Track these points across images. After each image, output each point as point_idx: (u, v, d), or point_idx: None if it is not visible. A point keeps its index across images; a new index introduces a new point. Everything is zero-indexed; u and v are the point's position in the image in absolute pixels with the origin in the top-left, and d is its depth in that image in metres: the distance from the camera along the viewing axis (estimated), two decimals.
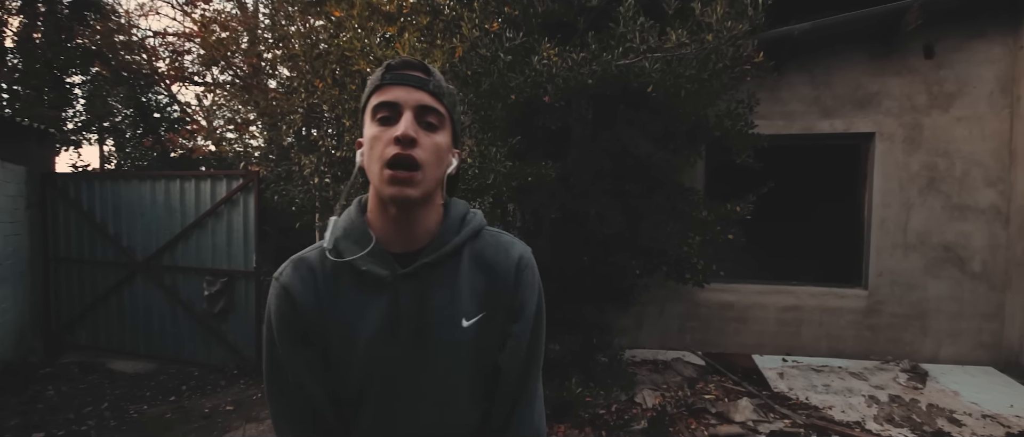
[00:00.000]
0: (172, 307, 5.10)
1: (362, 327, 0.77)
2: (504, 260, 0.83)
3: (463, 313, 0.79)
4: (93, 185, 5.41)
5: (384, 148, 0.73)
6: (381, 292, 0.77)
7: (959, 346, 4.22)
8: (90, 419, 3.79)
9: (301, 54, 4.52)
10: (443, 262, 0.80)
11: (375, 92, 0.77)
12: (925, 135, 4.19)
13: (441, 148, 0.77)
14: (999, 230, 4.13)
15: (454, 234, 0.81)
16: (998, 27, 4.07)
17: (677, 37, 2.51)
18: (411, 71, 0.77)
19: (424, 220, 0.79)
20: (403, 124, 0.72)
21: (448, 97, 0.80)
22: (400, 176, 0.72)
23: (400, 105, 0.74)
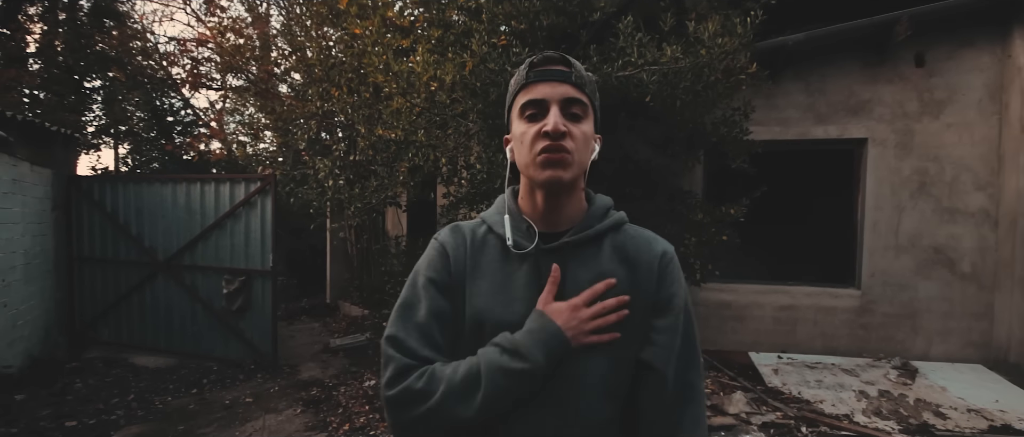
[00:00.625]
0: (192, 305, 5.33)
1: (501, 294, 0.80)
2: (647, 253, 0.83)
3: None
4: (116, 187, 5.65)
5: (534, 142, 0.77)
6: (523, 263, 0.81)
7: (949, 344, 4.37)
8: (118, 409, 4.01)
9: (316, 63, 4.73)
10: (585, 245, 0.82)
11: (521, 91, 0.81)
12: (916, 141, 4.34)
13: (587, 136, 0.80)
14: (988, 232, 4.28)
15: (598, 221, 0.84)
16: (986, 37, 4.22)
17: (672, 52, 2.69)
18: (553, 66, 0.80)
19: (569, 205, 0.83)
20: (552, 118, 0.75)
21: (590, 86, 0.82)
22: (553, 159, 0.75)
23: (547, 101, 0.78)
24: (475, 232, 0.86)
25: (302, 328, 6.92)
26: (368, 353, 5.54)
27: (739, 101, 3.89)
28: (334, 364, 5.25)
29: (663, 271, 0.81)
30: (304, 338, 6.37)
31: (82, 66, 8.92)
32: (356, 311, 7.17)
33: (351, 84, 4.20)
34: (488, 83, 2.97)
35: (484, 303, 0.80)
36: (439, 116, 3.16)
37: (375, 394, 4.18)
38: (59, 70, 8.76)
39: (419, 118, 3.08)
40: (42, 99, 8.92)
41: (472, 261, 0.83)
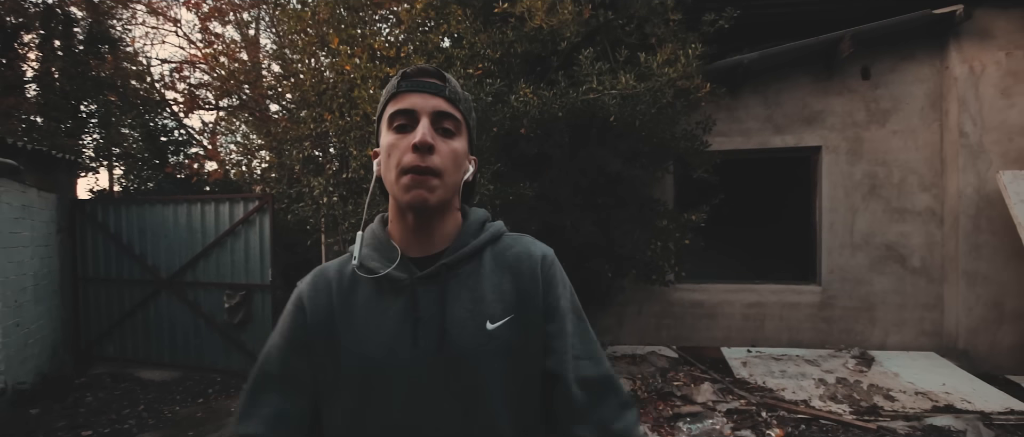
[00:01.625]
0: (195, 319, 5.58)
1: (378, 335, 0.75)
2: (527, 259, 0.80)
3: (488, 315, 0.75)
4: (119, 209, 5.92)
5: (401, 155, 0.73)
6: (399, 296, 0.76)
7: (904, 334, 4.72)
8: (130, 419, 4.26)
9: (309, 88, 5.04)
10: (463, 264, 0.78)
11: (391, 100, 0.77)
12: (866, 147, 4.72)
13: (458, 154, 0.76)
14: (934, 229, 4.65)
15: (473, 237, 0.80)
16: (926, 50, 4.61)
17: (627, 80, 3.04)
18: (427, 78, 0.77)
19: (442, 226, 0.79)
20: (420, 131, 0.72)
21: (464, 103, 0.79)
22: (417, 180, 0.71)
23: (416, 112, 0.74)
24: (342, 272, 0.81)
25: None
26: None
27: (700, 116, 4.25)
28: None
29: (546, 275, 0.80)
30: None
31: (78, 91, 9.17)
32: None
33: (343, 108, 4.51)
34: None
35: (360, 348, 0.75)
36: None
37: None
38: (56, 96, 9.01)
39: None
40: (39, 124, 9.16)
41: (342, 304, 0.78)
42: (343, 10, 4.55)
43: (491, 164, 3.68)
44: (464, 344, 0.74)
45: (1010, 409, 3.56)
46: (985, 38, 4.40)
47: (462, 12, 3.91)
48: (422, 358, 0.73)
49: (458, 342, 0.74)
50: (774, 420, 3.51)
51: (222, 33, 7.71)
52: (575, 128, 4.11)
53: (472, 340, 0.74)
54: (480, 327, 0.75)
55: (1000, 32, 4.39)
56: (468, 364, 0.73)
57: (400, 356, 0.73)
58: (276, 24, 6.97)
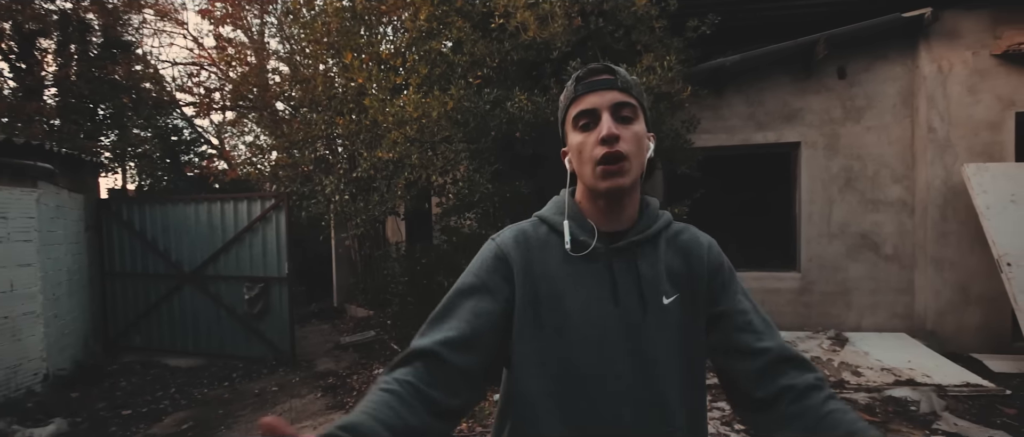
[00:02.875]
0: (217, 311, 5.98)
1: (573, 292, 0.83)
2: (697, 246, 0.90)
3: (663, 291, 0.84)
4: (144, 208, 6.30)
5: (592, 150, 0.81)
6: (592, 262, 0.84)
7: (877, 316, 5.05)
8: (164, 400, 4.66)
9: (321, 93, 5.39)
10: (647, 243, 0.87)
11: (572, 104, 0.86)
12: (842, 143, 5.03)
13: (640, 136, 0.83)
14: (906, 219, 4.97)
15: (655, 220, 0.89)
16: (898, 51, 4.91)
17: None
18: (598, 76, 0.84)
19: (629, 206, 0.87)
20: (604, 125, 0.80)
21: (636, 88, 0.85)
22: (611, 169, 0.79)
23: (597, 110, 0.82)
24: (537, 232, 0.89)
25: (313, 330, 7.57)
26: (375, 348, 6.19)
27: (685, 116, 4.57)
28: (346, 358, 5.90)
29: (713, 261, 0.89)
30: (316, 338, 7.02)
31: (95, 94, 9.55)
32: (362, 312, 7.82)
33: (353, 113, 4.86)
34: (467, 116, 3.64)
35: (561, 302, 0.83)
36: (429, 142, 3.83)
37: None
38: (74, 99, 9.39)
39: (412, 145, 3.74)
40: (58, 127, 9.55)
41: (540, 260, 0.86)
42: (350, 21, 4.88)
43: (491, 164, 4.03)
44: (645, 312, 0.83)
45: (966, 382, 3.90)
46: (953, 38, 4.69)
47: (462, 22, 4.24)
48: (614, 318, 0.82)
49: (641, 310, 0.83)
50: None
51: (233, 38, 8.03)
52: None
53: (652, 311, 0.83)
54: (657, 301, 0.84)
55: (967, 32, 4.68)
56: (647, 331, 0.82)
57: (596, 314, 0.82)
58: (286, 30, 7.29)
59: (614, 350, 0.82)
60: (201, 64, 10.93)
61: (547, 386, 0.83)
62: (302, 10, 6.06)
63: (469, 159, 3.86)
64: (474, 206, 3.73)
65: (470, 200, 3.61)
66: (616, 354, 0.82)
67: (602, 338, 0.82)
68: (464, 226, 4.66)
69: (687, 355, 0.85)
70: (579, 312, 0.83)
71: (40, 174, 4.93)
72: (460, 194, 3.77)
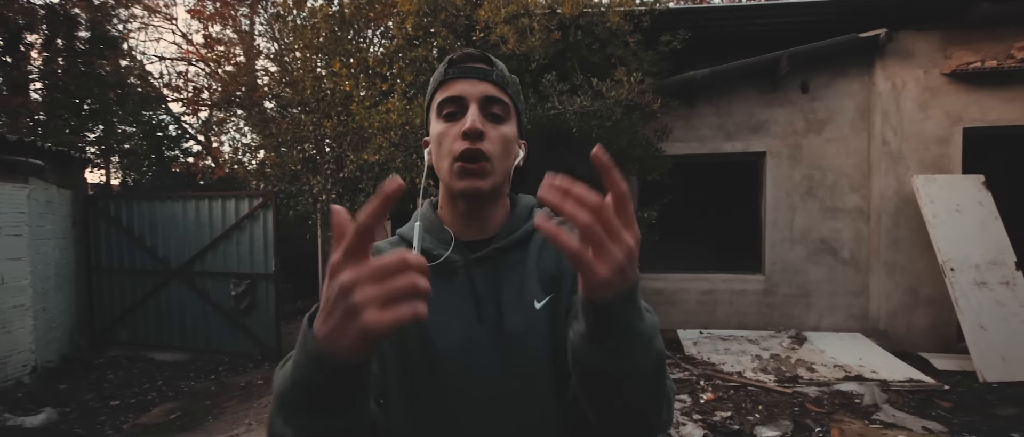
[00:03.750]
0: (203, 306, 6.10)
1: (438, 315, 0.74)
2: None
3: (534, 295, 0.78)
4: (131, 205, 6.41)
5: (452, 143, 0.73)
6: (454, 277, 0.78)
7: (835, 317, 5.37)
8: (151, 391, 4.80)
9: (309, 95, 5.55)
10: (513, 249, 0.80)
11: (439, 87, 0.78)
12: (804, 153, 5.34)
13: (508, 139, 0.76)
14: (862, 226, 5.29)
15: (523, 222, 0.82)
16: (857, 68, 5.23)
17: (581, 101, 3.61)
18: (473, 63, 0.77)
19: (494, 213, 0.80)
20: (469, 118, 0.72)
21: (512, 87, 0.79)
22: (470, 168, 0.72)
23: (465, 99, 0.74)
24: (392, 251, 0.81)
25: (299, 326, 7.71)
26: None
27: (657, 125, 4.84)
28: None
29: None
30: None
31: (82, 89, 9.57)
32: None
33: (340, 115, 5.05)
34: None
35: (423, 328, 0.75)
36: (413, 147, 4.04)
37: None
38: (60, 94, 9.40)
39: (396, 149, 3.95)
40: (43, 122, 9.55)
41: None
42: (339, 28, 5.06)
43: None
44: (517, 325, 0.75)
45: (909, 378, 4.21)
46: (906, 58, 5.02)
47: (446, 32, 4.45)
48: (483, 337, 0.75)
49: (512, 323, 0.75)
50: (709, 387, 4.13)
51: (223, 37, 8.14)
52: (548, 136, 4.68)
53: (523, 320, 0.76)
54: (529, 307, 0.76)
55: (919, 52, 5.02)
56: (522, 344, 0.75)
57: (462, 335, 0.75)
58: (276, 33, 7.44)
59: (488, 370, 0.75)
60: (189, 60, 11.00)
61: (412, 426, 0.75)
62: (292, 13, 6.23)
63: None
64: None
65: None
66: (494, 377, 0.74)
67: (472, 360, 0.75)
68: None
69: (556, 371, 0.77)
70: (443, 337, 0.75)
71: (31, 170, 5.04)
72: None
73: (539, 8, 4.10)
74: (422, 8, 4.18)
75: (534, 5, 4.21)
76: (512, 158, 0.79)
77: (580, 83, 3.76)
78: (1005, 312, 4.43)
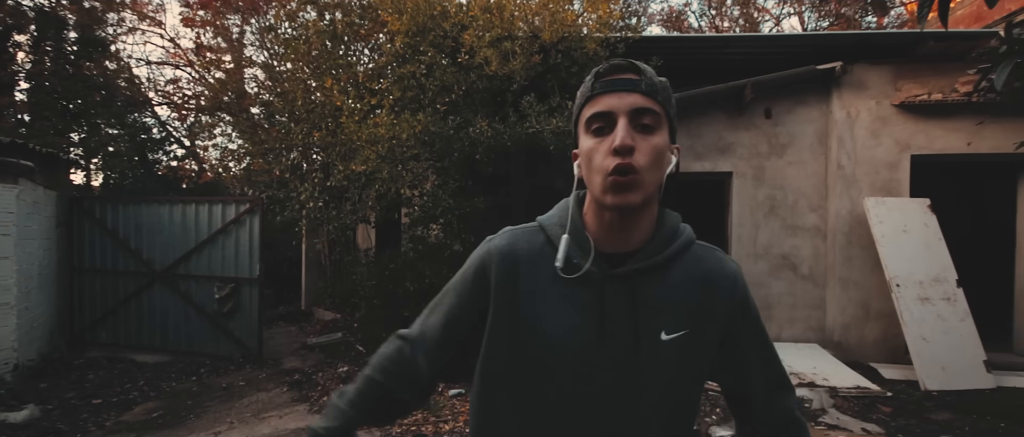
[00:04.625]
0: (186, 309, 6.19)
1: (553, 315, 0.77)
2: (719, 277, 0.81)
3: (664, 327, 0.76)
4: (117, 207, 6.49)
5: (603, 160, 0.73)
6: (584, 286, 0.77)
7: (795, 329, 5.70)
8: (132, 391, 4.89)
9: (300, 106, 5.76)
10: (653, 271, 0.78)
11: (587, 103, 0.77)
12: (767, 174, 5.70)
13: (659, 149, 0.74)
14: (820, 243, 5.65)
15: (667, 245, 0.79)
16: (816, 97, 5.63)
17: (557, 122, 3.90)
18: (620, 75, 0.76)
19: (640, 225, 0.78)
20: (619, 133, 0.71)
21: (662, 93, 0.77)
22: (621, 182, 0.71)
23: (614, 113, 0.73)
24: (533, 243, 0.83)
25: (280, 331, 7.80)
26: (341, 349, 6.50)
27: None
28: (312, 358, 6.20)
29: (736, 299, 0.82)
30: (283, 339, 7.27)
31: (68, 91, 9.59)
32: (329, 315, 8.10)
33: (329, 127, 5.26)
34: (434, 138, 4.10)
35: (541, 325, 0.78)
36: (399, 159, 4.27)
37: (349, 378, 5.17)
38: (48, 96, 9.42)
39: (383, 161, 4.18)
40: (29, 122, 9.54)
41: (528, 278, 0.80)
42: (330, 42, 5.30)
43: (455, 181, 4.50)
44: (637, 347, 0.76)
45: (857, 386, 4.53)
46: (860, 89, 5.44)
47: (434, 52, 4.72)
48: (595, 352, 0.76)
49: (632, 345, 0.76)
50: None
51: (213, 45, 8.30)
52: (530, 152, 4.96)
53: (645, 346, 0.76)
54: (655, 335, 0.76)
55: (872, 84, 5.43)
56: (635, 367, 0.76)
57: (577, 343, 0.76)
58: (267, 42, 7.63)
59: (590, 386, 0.77)
60: (176, 64, 11.07)
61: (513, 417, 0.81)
62: (284, 25, 6.45)
63: (436, 175, 4.31)
64: (437, 218, 4.18)
65: (433, 213, 4.06)
66: (592, 391, 0.77)
67: (578, 374, 0.77)
68: (430, 236, 5.09)
69: (677, 397, 0.80)
70: (559, 341, 0.77)
71: (21, 171, 5.13)
72: (424, 207, 4.22)
73: (521, 33, 4.39)
74: (411, 28, 4.44)
75: (517, 30, 4.51)
76: (664, 167, 0.77)
77: (557, 104, 4.05)
78: (946, 326, 4.79)
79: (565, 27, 4.33)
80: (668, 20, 15.14)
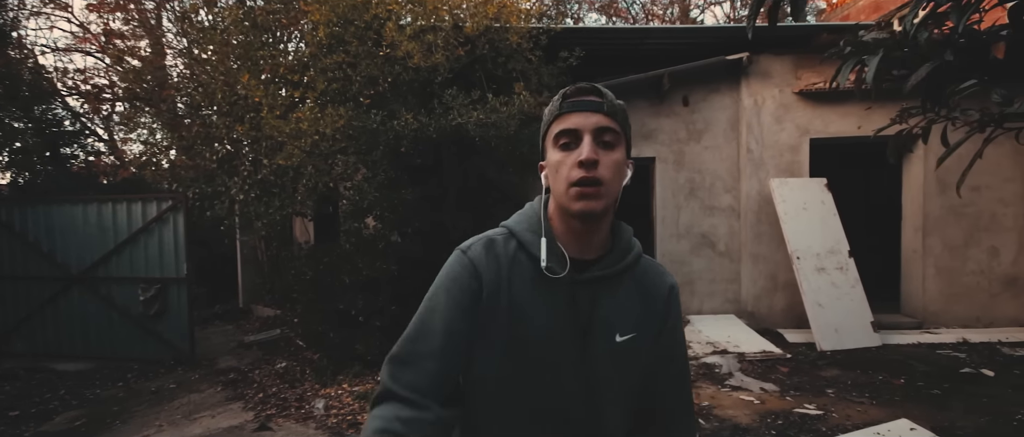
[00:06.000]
0: (108, 313, 5.93)
1: (536, 316, 0.85)
2: (659, 287, 0.93)
3: (618, 328, 0.87)
4: (25, 209, 6.09)
5: (569, 171, 0.81)
6: (556, 289, 0.86)
7: (714, 302, 6.17)
8: (53, 401, 4.69)
9: (222, 99, 5.57)
10: (611, 279, 0.88)
11: (555, 120, 0.86)
12: (686, 159, 6.08)
13: (618, 163, 0.84)
14: (734, 222, 6.11)
15: (623, 256, 0.90)
16: (727, 85, 6.02)
17: (477, 115, 4.02)
18: (585, 97, 0.85)
19: (600, 232, 0.88)
20: (585, 148, 0.80)
21: (620, 115, 0.87)
22: (586, 191, 0.80)
23: (579, 131, 0.82)
24: (507, 248, 0.89)
25: (216, 331, 7.60)
26: (280, 345, 6.44)
27: None
28: (249, 356, 6.11)
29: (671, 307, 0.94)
30: (219, 338, 7.10)
31: None
32: (268, 312, 7.95)
33: (252, 121, 5.14)
34: (359, 131, 4.13)
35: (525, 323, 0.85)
36: (324, 154, 4.27)
37: (286, 374, 5.16)
38: None
39: (308, 156, 4.17)
40: None
41: (509, 279, 0.87)
42: (250, 35, 5.14)
43: (384, 173, 4.54)
44: (601, 347, 0.87)
45: (762, 350, 5.00)
46: (765, 78, 5.87)
47: (358, 43, 4.69)
48: (575, 351, 0.86)
49: (598, 345, 0.86)
50: None
51: (125, 32, 7.80)
52: (460, 143, 5.06)
53: (606, 346, 0.87)
54: (611, 336, 0.87)
55: (776, 73, 5.88)
56: (601, 367, 0.87)
57: (558, 344, 0.85)
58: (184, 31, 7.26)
59: (572, 384, 0.87)
60: (87, 51, 10.30)
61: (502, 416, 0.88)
62: (200, 13, 6.18)
63: (365, 168, 4.34)
64: (367, 212, 4.23)
65: (361, 206, 4.11)
66: (573, 388, 0.87)
67: (561, 371, 0.86)
68: (368, 228, 5.11)
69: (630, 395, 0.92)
70: (544, 342, 0.85)
71: None
72: (352, 201, 4.25)
73: (444, 25, 4.45)
74: (332, 18, 4.41)
75: (441, 21, 4.56)
76: (622, 180, 0.87)
77: (478, 97, 4.17)
78: (838, 292, 5.34)
79: (486, 20, 4.43)
80: (606, 6, 15.44)
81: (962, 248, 5.74)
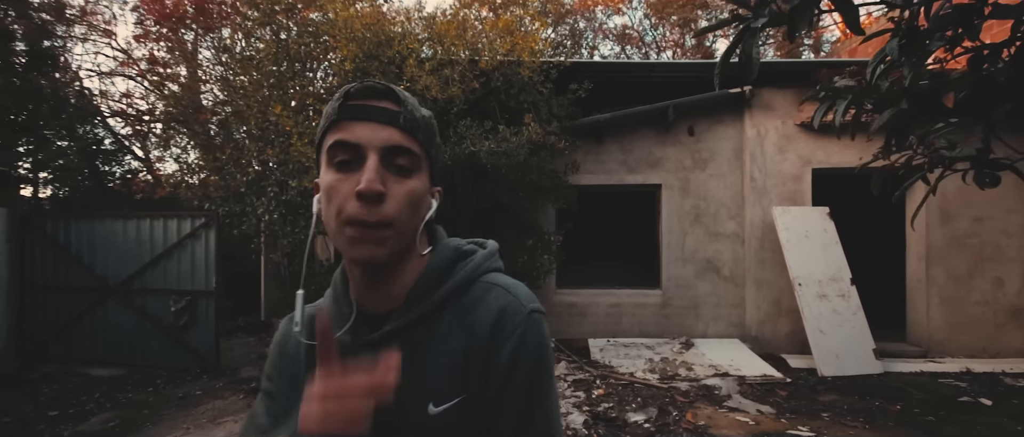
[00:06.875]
0: (140, 322, 6.31)
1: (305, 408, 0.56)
2: (483, 314, 0.65)
3: (432, 396, 0.63)
4: (69, 223, 6.56)
5: (344, 201, 0.59)
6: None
7: (718, 326, 6.30)
8: (89, 403, 5.03)
9: (254, 125, 6.01)
10: (414, 329, 0.65)
11: (332, 128, 0.62)
12: (692, 186, 6.30)
13: (416, 195, 0.62)
14: (739, 248, 6.28)
15: (429, 295, 0.66)
16: (731, 116, 6.27)
17: (489, 144, 4.34)
18: (376, 100, 0.62)
19: (399, 277, 0.66)
20: (366, 176, 0.58)
21: (424, 130, 0.65)
22: (364, 235, 0.59)
23: (363, 148, 0.60)
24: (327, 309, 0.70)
25: (239, 342, 7.94)
26: None
27: (566, 160, 5.64)
28: None
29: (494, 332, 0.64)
30: (242, 349, 7.42)
31: (16, 105, 9.45)
32: None
33: (283, 145, 5.54)
34: None
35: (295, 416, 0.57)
36: None
37: None
38: None
39: None
40: None
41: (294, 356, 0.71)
42: (285, 62, 5.58)
43: None
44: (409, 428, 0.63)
45: (763, 374, 5.12)
46: (768, 110, 6.10)
47: (381, 77, 5.09)
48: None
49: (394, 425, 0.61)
50: (603, 385, 4.88)
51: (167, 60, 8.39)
52: (473, 168, 5.38)
53: (411, 425, 0.63)
54: (422, 409, 0.63)
55: (778, 105, 6.11)
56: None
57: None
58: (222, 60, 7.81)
59: None
60: (130, 75, 11.00)
61: None
62: (239, 45, 6.68)
63: None
64: None
65: None
66: None
67: None
68: None
69: None
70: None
71: None
72: None
73: (461, 59, 4.82)
74: (358, 54, 4.81)
75: (458, 55, 4.93)
76: (422, 214, 0.66)
77: (490, 127, 4.50)
78: (840, 319, 5.45)
79: (501, 55, 4.78)
80: (621, 36, 15.89)
81: (966, 278, 5.81)
